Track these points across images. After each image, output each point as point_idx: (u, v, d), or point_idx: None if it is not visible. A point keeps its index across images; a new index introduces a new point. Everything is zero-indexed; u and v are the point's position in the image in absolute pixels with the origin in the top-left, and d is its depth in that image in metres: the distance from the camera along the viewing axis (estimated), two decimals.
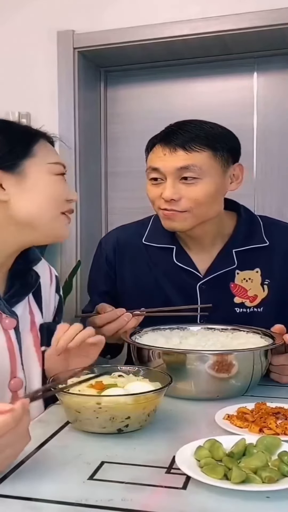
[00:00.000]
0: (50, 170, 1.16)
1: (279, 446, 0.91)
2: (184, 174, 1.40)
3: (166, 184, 1.41)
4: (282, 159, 2.63)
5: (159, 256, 1.55)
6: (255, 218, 1.58)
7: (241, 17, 2.33)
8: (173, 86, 2.75)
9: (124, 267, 1.59)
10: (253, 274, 1.52)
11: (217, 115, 2.63)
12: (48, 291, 1.32)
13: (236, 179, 1.49)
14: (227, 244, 1.53)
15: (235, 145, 1.48)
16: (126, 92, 2.83)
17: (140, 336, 1.38)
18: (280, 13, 2.28)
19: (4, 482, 0.85)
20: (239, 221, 1.56)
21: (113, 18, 2.50)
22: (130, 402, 1.00)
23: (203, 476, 0.83)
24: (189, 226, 1.45)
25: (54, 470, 0.90)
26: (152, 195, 1.47)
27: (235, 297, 1.51)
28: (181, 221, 1.44)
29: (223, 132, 1.47)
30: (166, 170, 1.41)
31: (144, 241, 1.58)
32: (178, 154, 1.40)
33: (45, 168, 1.16)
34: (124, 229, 1.67)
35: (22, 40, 2.64)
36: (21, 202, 1.13)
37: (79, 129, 2.61)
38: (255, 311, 1.51)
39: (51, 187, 1.16)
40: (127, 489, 0.83)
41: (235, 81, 2.68)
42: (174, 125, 1.48)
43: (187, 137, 1.41)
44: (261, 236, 1.54)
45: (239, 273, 1.52)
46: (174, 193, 1.40)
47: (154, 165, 1.44)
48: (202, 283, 1.51)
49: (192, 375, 1.21)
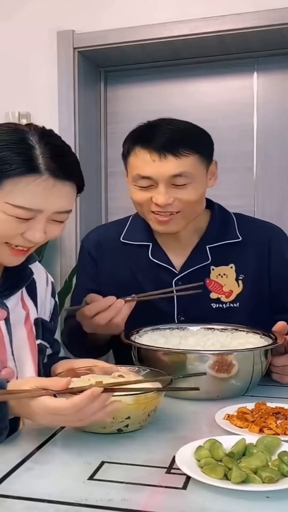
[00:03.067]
0: (5, 209, 1.04)
1: (279, 446, 0.91)
2: (176, 181, 1.40)
3: (159, 190, 1.40)
4: (282, 159, 2.63)
5: (136, 253, 1.57)
6: (228, 215, 1.61)
7: (241, 17, 2.33)
8: (173, 86, 2.75)
9: (105, 264, 1.61)
10: (228, 270, 1.54)
11: (217, 115, 2.65)
12: (44, 292, 1.31)
13: (213, 175, 1.51)
14: (201, 240, 1.56)
15: (212, 144, 1.50)
16: (125, 92, 2.83)
17: (140, 336, 1.38)
18: (280, 13, 2.28)
19: (4, 482, 0.85)
20: (213, 218, 1.58)
21: (113, 18, 2.50)
22: (130, 402, 1.00)
23: (203, 476, 0.83)
24: (180, 227, 1.48)
25: (54, 470, 0.90)
26: (140, 199, 1.46)
27: (211, 292, 1.53)
28: (174, 223, 1.46)
29: (203, 133, 1.49)
30: (158, 178, 1.40)
31: (122, 239, 1.60)
32: (169, 160, 1.39)
33: (1, 205, 1.04)
34: (103, 228, 1.71)
35: (22, 40, 2.65)
36: None
37: (79, 129, 2.61)
38: (231, 306, 1.53)
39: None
40: (127, 489, 0.83)
41: (235, 81, 2.68)
42: (151, 125, 1.47)
43: (174, 141, 1.40)
44: (234, 232, 1.56)
45: (214, 268, 1.53)
46: (168, 199, 1.41)
47: (143, 173, 1.41)
48: (177, 279, 1.53)
49: None
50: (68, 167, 1.09)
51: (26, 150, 1.05)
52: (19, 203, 1.04)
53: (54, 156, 1.06)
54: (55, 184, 1.06)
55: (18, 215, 1.05)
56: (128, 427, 1.02)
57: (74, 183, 1.11)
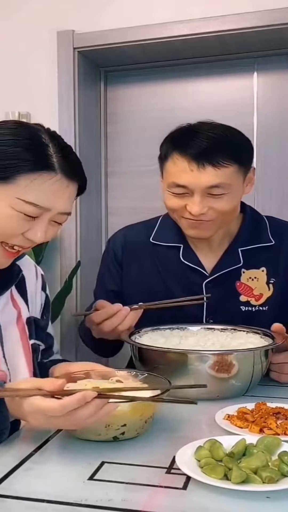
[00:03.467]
0: (13, 204, 1.04)
1: (279, 446, 0.91)
2: (213, 192, 1.38)
3: (194, 200, 1.39)
4: (282, 159, 2.63)
5: (166, 255, 1.56)
6: (261, 218, 1.60)
7: (241, 17, 2.33)
8: (173, 86, 2.75)
9: (132, 266, 1.60)
10: (259, 273, 1.52)
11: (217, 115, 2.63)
12: (34, 287, 1.30)
13: (250, 182, 1.49)
14: (233, 243, 1.54)
15: (252, 151, 1.49)
16: (125, 92, 2.83)
17: (140, 336, 1.38)
18: (280, 13, 2.28)
19: (4, 482, 0.85)
20: (245, 221, 1.57)
21: (113, 18, 2.50)
22: (126, 408, 0.98)
23: (203, 476, 0.83)
24: (213, 233, 1.47)
25: (54, 470, 0.90)
26: (173, 206, 1.44)
27: (241, 295, 1.52)
28: (207, 229, 1.45)
29: (244, 142, 1.46)
30: (194, 188, 1.38)
31: (151, 239, 1.59)
32: (207, 170, 1.36)
33: (10, 200, 1.04)
34: (131, 228, 1.68)
35: (22, 40, 2.65)
36: None
37: (79, 129, 2.61)
38: (260, 309, 1.52)
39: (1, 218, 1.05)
40: (127, 489, 0.83)
41: (235, 81, 2.68)
42: (191, 129, 1.43)
43: (214, 150, 1.36)
44: (267, 236, 1.55)
45: (245, 271, 1.52)
46: (202, 208, 1.39)
47: (179, 181, 1.39)
48: (208, 281, 1.52)
49: (192, 375, 1.21)
50: (77, 168, 1.11)
51: (40, 147, 1.06)
52: (31, 200, 1.04)
53: (65, 156, 1.08)
54: (68, 185, 1.08)
55: (26, 211, 1.05)
56: (124, 434, 0.99)
57: (78, 184, 1.12)
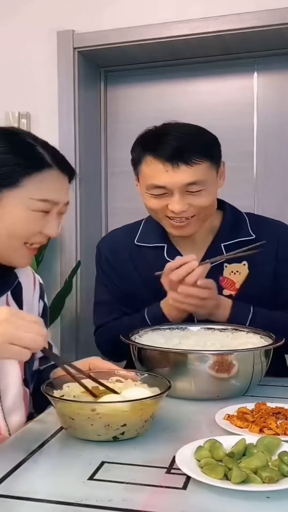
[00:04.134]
0: (30, 205, 1.10)
1: (279, 446, 0.91)
2: (191, 189, 1.43)
3: (174, 199, 1.44)
4: (282, 159, 2.63)
5: (151, 256, 1.59)
6: (240, 214, 1.64)
7: (241, 17, 2.33)
8: (173, 86, 2.75)
9: (121, 267, 1.62)
10: (241, 267, 1.55)
11: (217, 115, 2.65)
12: (31, 296, 1.30)
13: (221, 176, 1.53)
14: (215, 238, 1.58)
15: (220, 146, 1.52)
16: (126, 92, 2.83)
17: (140, 336, 1.38)
18: (280, 13, 2.28)
19: (4, 482, 0.85)
20: (225, 217, 1.61)
21: (113, 18, 2.50)
22: (126, 408, 0.98)
23: (203, 476, 0.83)
24: (196, 229, 1.51)
25: (54, 470, 0.90)
26: (154, 207, 1.49)
27: (224, 289, 1.54)
28: (190, 227, 1.49)
29: (212, 137, 1.51)
30: (173, 187, 1.43)
31: (136, 242, 1.62)
32: (182, 169, 1.41)
33: (25, 202, 1.10)
34: (117, 231, 1.71)
35: (22, 40, 2.65)
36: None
37: (79, 129, 2.61)
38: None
39: (20, 223, 1.11)
40: (127, 489, 0.83)
41: (235, 81, 2.68)
42: (159, 131, 1.48)
43: (185, 149, 1.42)
44: (247, 230, 1.58)
45: (227, 266, 1.55)
46: (183, 206, 1.44)
47: (157, 182, 1.44)
48: None
49: (192, 375, 1.21)
50: (64, 160, 1.18)
51: (30, 150, 1.13)
52: (43, 196, 1.11)
53: (52, 152, 1.15)
54: (65, 177, 1.16)
55: (41, 208, 1.11)
56: (124, 434, 0.99)
57: (69, 174, 1.19)
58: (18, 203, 1.09)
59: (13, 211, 1.10)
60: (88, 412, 0.96)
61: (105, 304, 1.65)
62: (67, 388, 1.06)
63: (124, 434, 0.99)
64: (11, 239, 1.12)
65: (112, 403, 0.99)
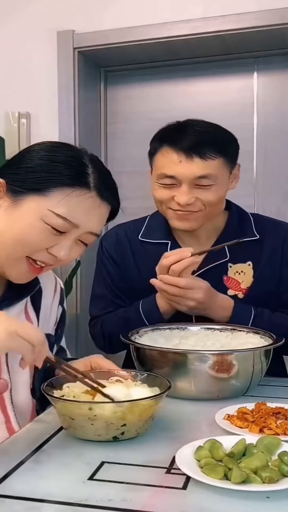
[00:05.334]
0: (44, 216, 1.05)
1: (279, 446, 0.91)
2: (201, 182, 1.44)
3: (182, 190, 1.44)
4: (282, 159, 2.63)
5: (155, 252, 1.58)
6: (245, 214, 1.64)
7: (241, 17, 2.33)
8: (173, 86, 2.75)
9: (125, 262, 1.63)
10: (245, 267, 1.55)
11: (217, 115, 2.63)
12: (51, 301, 1.29)
13: (235, 178, 1.54)
14: (219, 238, 1.58)
15: (238, 148, 1.54)
16: (126, 92, 2.83)
17: (140, 336, 1.38)
18: (280, 13, 2.28)
19: (4, 482, 0.85)
20: (230, 217, 1.61)
21: (113, 18, 2.50)
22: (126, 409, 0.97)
23: (203, 476, 0.83)
24: (199, 225, 1.51)
25: (54, 470, 0.90)
26: (161, 197, 1.49)
27: (229, 289, 1.54)
28: (193, 221, 1.49)
29: (230, 137, 1.52)
30: (183, 178, 1.44)
31: (140, 237, 1.62)
32: (195, 161, 1.42)
33: (41, 211, 1.05)
34: (121, 226, 1.70)
35: (22, 40, 2.65)
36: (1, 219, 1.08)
37: (79, 129, 2.61)
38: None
39: (29, 231, 1.06)
40: (127, 489, 0.83)
41: (235, 81, 2.68)
42: (180, 125, 1.50)
43: (202, 143, 1.43)
44: (251, 230, 1.59)
45: (231, 266, 1.55)
46: (190, 198, 1.44)
47: (168, 172, 1.45)
48: (196, 276, 1.53)
49: (192, 375, 1.21)
50: (112, 190, 1.14)
51: (79, 166, 1.09)
52: (62, 213, 1.06)
53: (103, 178, 1.11)
54: (101, 204, 1.10)
55: (55, 225, 1.06)
56: (124, 434, 0.99)
57: (111, 207, 1.14)
58: (35, 209, 1.06)
59: (27, 216, 1.06)
60: (88, 412, 0.96)
61: (103, 297, 1.66)
62: (67, 388, 1.06)
63: (124, 434, 0.99)
64: (15, 245, 1.08)
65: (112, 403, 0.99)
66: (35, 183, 1.06)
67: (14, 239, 1.07)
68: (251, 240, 1.56)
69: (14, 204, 1.07)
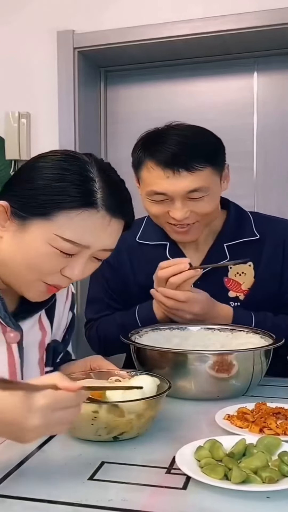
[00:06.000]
0: (51, 241, 1.00)
1: (279, 446, 0.91)
2: (193, 196, 1.40)
3: (175, 206, 1.41)
4: (282, 159, 2.63)
5: (153, 254, 1.56)
6: (244, 213, 1.61)
7: (241, 17, 2.33)
8: (173, 86, 2.75)
9: (121, 264, 1.61)
10: (246, 268, 1.53)
11: (217, 115, 2.65)
12: (62, 308, 1.28)
13: (225, 179, 1.50)
14: (218, 238, 1.56)
15: (224, 150, 1.49)
16: (126, 91, 2.83)
17: (140, 336, 1.38)
18: (280, 13, 2.28)
19: (4, 482, 0.85)
20: (229, 217, 1.58)
21: (113, 18, 2.50)
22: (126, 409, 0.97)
23: (203, 476, 0.83)
24: (199, 234, 1.50)
25: (54, 470, 0.90)
26: (156, 213, 1.46)
27: (230, 291, 1.53)
28: (192, 233, 1.48)
29: (215, 141, 1.47)
30: (174, 195, 1.40)
31: (137, 239, 1.60)
32: (183, 175, 1.37)
33: (47, 236, 1.00)
34: None
35: (22, 40, 2.65)
36: (8, 245, 1.04)
37: (79, 129, 2.61)
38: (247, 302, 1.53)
39: (38, 257, 1.02)
40: (127, 489, 0.83)
41: (235, 81, 2.68)
42: (160, 134, 1.43)
43: (187, 155, 1.37)
44: (251, 230, 1.56)
45: (232, 267, 1.53)
46: (185, 213, 1.41)
47: (158, 189, 1.40)
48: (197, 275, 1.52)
49: (192, 375, 1.21)
50: (124, 204, 1.07)
51: (85, 182, 1.01)
52: (70, 237, 1.00)
53: (113, 193, 1.03)
54: (111, 221, 1.03)
55: (63, 249, 1.01)
56: (124, 434, 0.99)
57: (124, 221, 1.08)
58: (41, 234, 1.00)
59: (34, 241, 1.01)
60: (88, 413, 0.96)
61: (98, 300, 1.65)
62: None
63: (124, 434, 0.99)
64: (27, 269, 1.04)
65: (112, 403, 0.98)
66: (38, 208, 1.00)
67: (25, 264, 1.03)
68: (250, 240, 1.55)
69: (21, 228, 1.02)
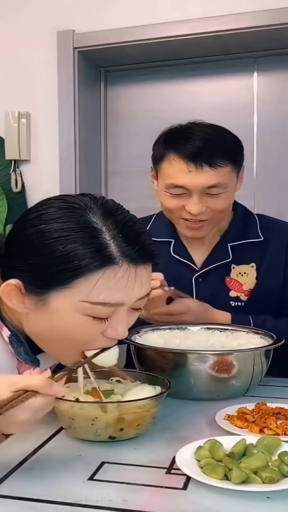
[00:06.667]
0: (80, 308, 0.91)
1: (279, 447, 0.91)
2: (211, 191, 1.42)
3: (193, 200, 1.42)
4: (282, 159, 2.63)
5: (159, 250, 1.56)
6: (251, 215, 1.63)
7: (241, 17, 2.33)
8: (173, 86, 2.75)
9: None
10: (249, 269, 1.55)
11: (217, 115, 2.63)
12: None
13: (240, 180, 1.53)
14: (223, 238, 1.57)
15: (243, 151, 1.52)
16: (126, 92, 2.83)
17: (140, 336, 1.38)
18: (279, 13, 2.28)
19: (4, 482, 0.85)
20: (235, 217, 1.60)
21: (113, 18, 2.50)
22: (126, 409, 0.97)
23: (203, 476, 0.83)
24: (210, 231, 1.52)
25: (54, 470, 0.90)
26: (171, 206, 1.47)
27: (231, 290, 1.54)
28: (204, 229, 1.49)
29: (237, 140, 1.50)
30: (193, 188, 1.41)
31: None
32: (205, 170, 1.40)
33: (74, 306, 0.91)
34: None
35: (22, 40, 2.65)
36: (36, 322, 0.96)
37: (79, 129, 2.61)
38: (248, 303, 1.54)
39: (70, 330, 0.93)
40: (127, 489, 0.83)
41: (235, 81, 2.68)
42: (185, 130, 1.45)
43: (211, 151, 1.40)
44: (256, 232, 1.58)
45: (234, 267, 1.54)
46: (201, 208, 1.43)
47: (178, 182, 1.42)
48: (198, 276, 1.54)
49: (192, 375, 1.21)
50: (145, 248, 0.95)
51: (93, 238, 0.90)
52: (100, 300, 0.90)
53: (127, 238, 0.92)
54: (138, 270, 0.93)
55: (97, 314, 0.92)
56: (123, 431, 0.98)
57: (152, 263, 0.98)
58: (67, 305, 0.91)
59: (61, 314, 0.92)
60: (88, 413, 0.96)
61: None
62: (67, 388, 1.06)
63: (123, 431, 0.99)
64: (63, 345, 0.96)
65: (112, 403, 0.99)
66: (53, 280, 0.90)
67: (59, 341, 0.95)
68: (254, 241, 1.55)
69: (42, 304, 0.93)
